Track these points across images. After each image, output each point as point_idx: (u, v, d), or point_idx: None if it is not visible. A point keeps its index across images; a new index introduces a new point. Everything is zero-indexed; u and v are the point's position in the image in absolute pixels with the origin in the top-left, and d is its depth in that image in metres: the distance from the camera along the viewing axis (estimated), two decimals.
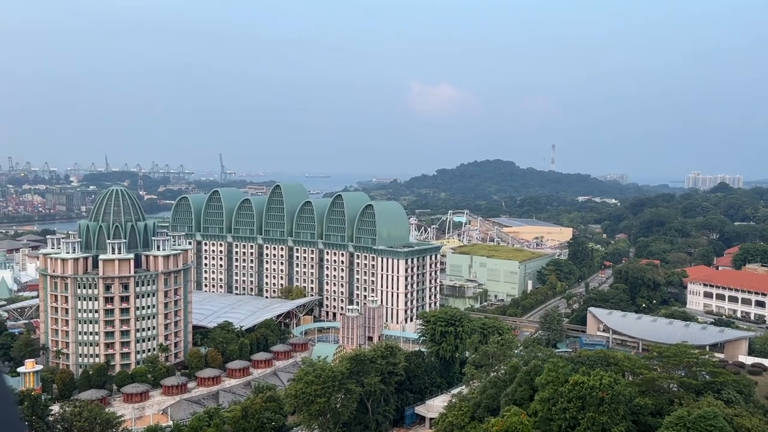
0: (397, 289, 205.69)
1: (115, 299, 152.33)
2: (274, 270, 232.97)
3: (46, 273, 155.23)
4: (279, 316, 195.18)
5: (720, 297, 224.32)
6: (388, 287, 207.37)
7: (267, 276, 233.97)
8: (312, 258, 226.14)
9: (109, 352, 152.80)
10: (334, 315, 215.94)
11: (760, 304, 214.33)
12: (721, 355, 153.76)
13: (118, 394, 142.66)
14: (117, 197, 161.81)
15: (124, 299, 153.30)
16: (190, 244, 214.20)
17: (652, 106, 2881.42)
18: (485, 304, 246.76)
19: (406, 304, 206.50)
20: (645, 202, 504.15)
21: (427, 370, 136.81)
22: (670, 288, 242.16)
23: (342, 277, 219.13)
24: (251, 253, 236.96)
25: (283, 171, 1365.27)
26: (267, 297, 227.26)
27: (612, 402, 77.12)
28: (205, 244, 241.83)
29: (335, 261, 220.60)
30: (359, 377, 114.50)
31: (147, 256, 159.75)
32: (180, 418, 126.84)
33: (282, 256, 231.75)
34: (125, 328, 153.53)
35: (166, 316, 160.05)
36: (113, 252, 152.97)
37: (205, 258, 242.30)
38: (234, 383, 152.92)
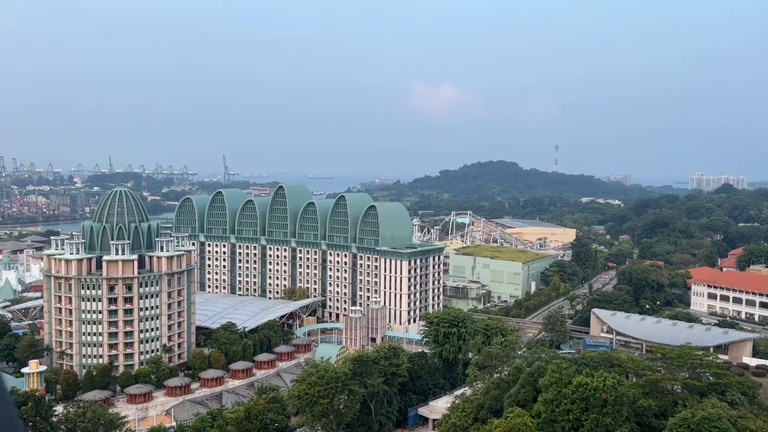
0: (400, 290, 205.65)
1: (119, 300, 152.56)
2: (277, 271, 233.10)
3: (50, 274, 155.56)
4: (282, 317, 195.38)
5: (724, 298, 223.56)
6: (391, 288, 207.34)
7: (270, 277, 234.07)
8: (315, 259, 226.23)
9: (113, 352, 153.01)
10: (337, 316, 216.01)
11: (765, 305, 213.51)
12: (726, 357, 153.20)
13: (121, 394, 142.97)
14: (121, 198, 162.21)
15: (128, 300, 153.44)
16: (194, 245, 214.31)
17: (653, 106, 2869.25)
18: (488, 305, 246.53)
19: (409, 305, 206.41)
20: (648, 203, 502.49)
21: (430, 372, 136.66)
22: (673, 289, 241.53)
23: (345, 278, 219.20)
24: (254, 254, 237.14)
25: (287, 172, 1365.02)
26: (270, 298, 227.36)
27: (616, 403, 76.89)
28: (209, 245, 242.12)
29: (338, 262, 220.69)
30: (362, 378, 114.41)
31: (150, 257, 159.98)
32: (183, 418, 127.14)
33: (285, 257, 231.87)
34: (129, 329, 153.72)
35: (170, 317, 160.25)
36: (117, 253, 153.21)
37: (209, 259, 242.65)
38: (237, 384, 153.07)
